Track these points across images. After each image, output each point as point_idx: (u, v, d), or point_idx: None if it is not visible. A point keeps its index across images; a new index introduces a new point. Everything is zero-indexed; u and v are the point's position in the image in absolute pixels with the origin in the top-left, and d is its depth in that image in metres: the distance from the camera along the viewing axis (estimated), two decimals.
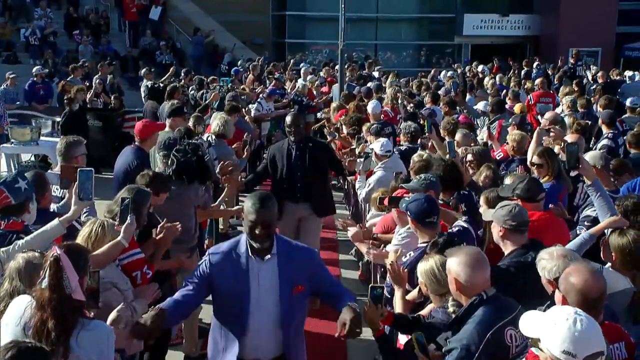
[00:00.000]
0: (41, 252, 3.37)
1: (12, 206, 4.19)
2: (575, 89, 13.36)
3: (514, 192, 4.90)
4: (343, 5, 12.60)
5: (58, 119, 12.92)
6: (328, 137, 11.00)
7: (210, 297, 4.57)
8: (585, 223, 5.32)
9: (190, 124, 8.35)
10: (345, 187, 10.91)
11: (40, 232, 3.96)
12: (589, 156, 5.72)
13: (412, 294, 4.18)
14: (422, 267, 3.80)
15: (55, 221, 4.02)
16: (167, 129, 7.96)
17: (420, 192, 4.83)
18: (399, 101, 10.84)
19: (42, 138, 12.29)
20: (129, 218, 4.15)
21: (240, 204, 10.81)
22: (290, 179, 6.97)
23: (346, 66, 16.57)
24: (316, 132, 13.03)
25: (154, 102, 12.50)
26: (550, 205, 5.49)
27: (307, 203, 7.04)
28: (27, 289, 3.20)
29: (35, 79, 14.68)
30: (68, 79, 15.08)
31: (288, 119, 7.11)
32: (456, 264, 3.40)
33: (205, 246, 7.10)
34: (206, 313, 6.98)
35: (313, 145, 7.12)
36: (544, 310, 3.26)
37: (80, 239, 4.14)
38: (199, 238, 6.43)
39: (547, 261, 3.61)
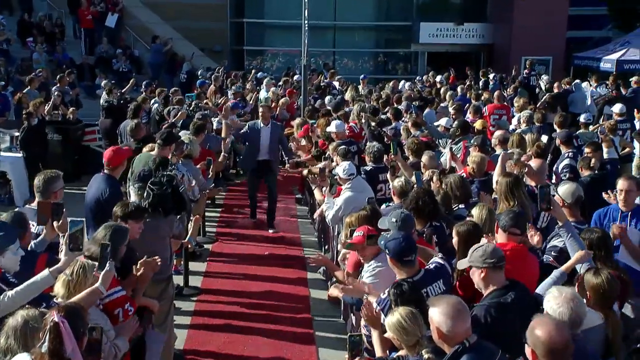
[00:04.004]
0: (41, 312, 3.39)
1: None
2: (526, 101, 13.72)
3: (500, 221, 5.05)
4: (306, 22, 12.60)
5: (16, 134, 12.70)
6: (294, 152, 11.16)
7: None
8: (552, 253, 5.47)
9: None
10: (311, 201, 11.04)
11: (30, 283, 3.96)
12: (560, 191, 5.90)
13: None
14: (389, 321, 3.89)
15: (45, 272, 4.02)
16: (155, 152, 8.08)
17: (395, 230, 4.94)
18: (363, 120, 11.00)
19: (1, 153, 12.09)
20: (108, 265, 4.16)
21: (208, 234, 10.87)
22: None
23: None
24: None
25: (110, 120, 12.40)
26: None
27: None
28: (19, 349, 3.23)
29: None
30: (25, 91, 14.82)
31: None
32: (438, 314, 3.56)
33: (173, 268, 7.11)
34: (181, 339, 7.04)
35: None
36: None
37: (60, 282, 4.15)
38: None
39: (555, 305, 3.74)
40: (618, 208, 6.19)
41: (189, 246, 6.92)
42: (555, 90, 17.02)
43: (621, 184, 6.14)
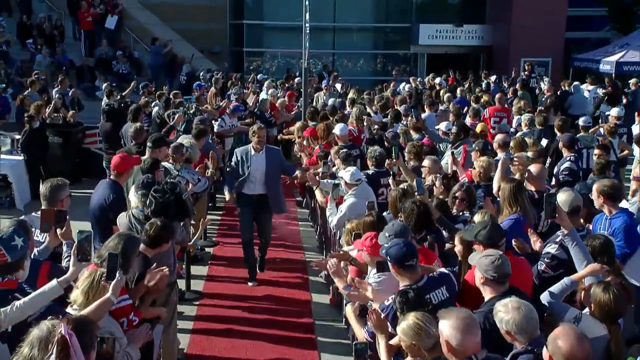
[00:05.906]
0: (52, 323, 3.39)
1: (7, 264, 4.12)
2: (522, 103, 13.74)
3: (476, 237, 5.01)
4: (307, 25, 12.58)
5: (17, 136, 12.72)
6: (297, 154, 11.17)
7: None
8: (545, 260, 5.48)
9: (170, 152, 8.33)
10: (312, 204, 11.05)
11: (38, 293, 3.97)
12: (559, 199, 5.91)
13: (396, 339, 4.31)
14: (405, 327, 3.84)
15: (54, 282, 4.03)
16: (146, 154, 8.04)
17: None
18: (364, 123, 11.00)
19: (1, 156, 12.09)
20: (117, 275, 4.15)
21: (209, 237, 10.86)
22: None
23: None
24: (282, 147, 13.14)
25: (110, 123, 12.41)
26: (512, 241, 5.70)
27: None
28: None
29: None
30: (25, 93, 14.83)
31: None
32: (448, 327, 3.57)
33: (177, 272, 7.14)
34: (183, 344, 7.06)
35: None
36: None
37: (79, 291, 4.17)
38: None
39: (503, 313, 3.79)
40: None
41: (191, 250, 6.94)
42: (550, 94, 17.06)
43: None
